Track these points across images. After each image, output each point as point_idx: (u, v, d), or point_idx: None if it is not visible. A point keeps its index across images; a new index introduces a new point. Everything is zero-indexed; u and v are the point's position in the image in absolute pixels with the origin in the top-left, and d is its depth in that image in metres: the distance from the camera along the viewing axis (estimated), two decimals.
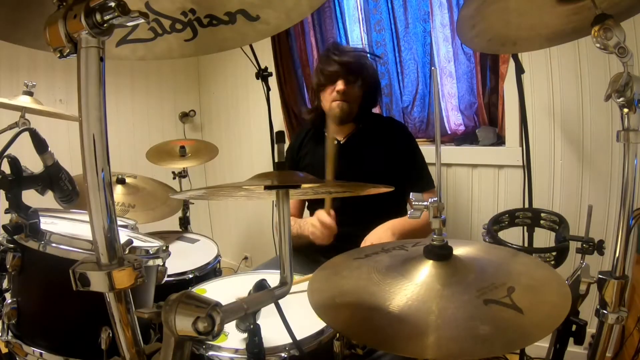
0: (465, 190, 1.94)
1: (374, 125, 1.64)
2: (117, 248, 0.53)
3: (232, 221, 3.17)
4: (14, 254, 0.93)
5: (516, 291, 0.58)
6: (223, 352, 0.87)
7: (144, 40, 0.73)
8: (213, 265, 1.63)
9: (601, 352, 0.82)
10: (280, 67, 2.46)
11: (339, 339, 0.90)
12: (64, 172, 1.07)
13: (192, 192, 0.72)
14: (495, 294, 0.57)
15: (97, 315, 0.82)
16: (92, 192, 0.50)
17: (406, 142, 1.61)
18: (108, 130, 0.51)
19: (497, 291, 0.58)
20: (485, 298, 0.56)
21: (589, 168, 1.62)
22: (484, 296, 0.57)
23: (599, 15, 0.74)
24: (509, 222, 1.15)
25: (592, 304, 0.84)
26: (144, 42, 0.73)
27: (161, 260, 1.09)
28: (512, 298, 0.56)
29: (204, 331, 0.49)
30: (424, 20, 1.99)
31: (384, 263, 0.72)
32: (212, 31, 0.71)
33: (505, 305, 0.55)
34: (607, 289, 0.79)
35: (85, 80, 0.50)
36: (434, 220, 0.67)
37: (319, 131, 1.68)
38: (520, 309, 0.54)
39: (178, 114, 3.09)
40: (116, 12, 0.48)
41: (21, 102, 1.41)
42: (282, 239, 0.68)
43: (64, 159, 1.08)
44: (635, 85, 0.73)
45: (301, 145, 1.73)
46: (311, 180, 0.69)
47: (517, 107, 1.66)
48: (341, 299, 0.65)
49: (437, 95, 0.69)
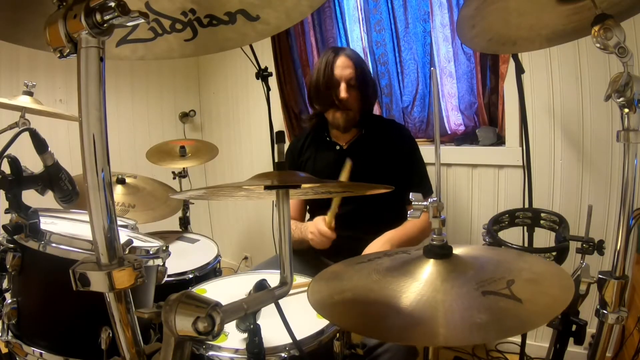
0: (465, 190, 1.94)
1: (377, 130, 1.63)
2: (117, 248, 0.53)
3: (232, 221, 3.17)
4: (14, 254, 0.93)
5: (516, 284, 0.59)
6: (223, 352, 0.87)
7: (144, 40, 0.73)
8: (213, 265, 1.63)
9: (601, 352, 0.82)
10: (280, 67, 2.46)
11: (339, 339, 0.90)
12: (64, 172, 1.07)
13: (192, 192, 0.72)
14: (494, 286, 0.59)
15: (97, 315, 0.82)
16: (92, 192, 0.50)
17: (408, 147, 1.61)
18: (108, 130, 0.51)
19: (496, 284, 0.59)
20: (483, 290, 0.58)
21: (589, 168, 1.62)
22: (483, 288, 0.58)
23: (599, 15, 0.74)
24: (509, 222, 1.15)
25: (592, 304, 0.84)
26: (144, 42, 0.73)
27: (161, 260, 1.09)
28: (511, 290, 0.58)
29: (204, 331, 0.49)
30: (424, 20, 1.99)
31: (384, 265, 0.72)
32: (212, 31, 0.71)
33: (503, 296, 0.56)
34: (607, 289, 0.79)
35: (85, 80, 0.50)
36: (434, 220, 0.67)
37: (320, 136, 1.68)
38: (519, 299, 0.56)
39: (178, 114, 3.09)
40: (116, 12, 0.48)
41: (21, 102, 1.40)
42: (282, 239, 0.68)
43: (64, 159, 1.08)
44: (635, 85, 0.73)
45: (302, 150, 1.72)
46: (311, 180, 0.69)
47: (517, 107, 1.66)
48: (340, 297, 0.66)
49: (437, 95, 0.69)
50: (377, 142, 1.60)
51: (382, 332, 0.57)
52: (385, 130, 1.65)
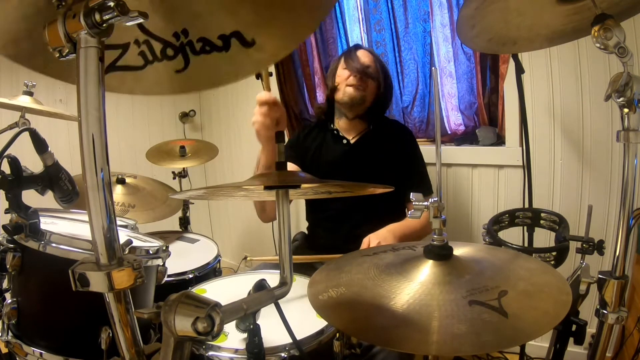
0: (465, 190, 1.94)
1: (383, 128, 1.66)
2: (116, 248, 0.53)
3: (232, 221, 3.16)
4: (14, 254, 0.93)
5: (508, 295, 0.58)
6: (223, 352, 0.87)
7: (134, 68, 0.69)
8: (213, 265, 1.63)
9: (601, 352, 0.82)
10: (280, 67, 2.46)
11: (338, 338, 0.90)
12: (64, 172, 1.07)
13: (192, 192, 0.72)
14: (484, 296, 0.58)
15: (97, 315, 0.83)
16: (91, 192, 0.50)
17: (411, 147, 1.64)
18: (108, 130, 0.51)
19: (487, 294, 0.58)
20: (471, 299, 0.57)
21: (589, 168, 1.62)
22: (472, 297, 0.58)
23: (599, 15, 0.74)
24: (509, 222, 1.15)
25: (592, 304, 0.84)
26: (133, 70, 0.69)
27: (161, 260, 1.09)
28: (500, 301, 0.57)
29: (204, 331, 0.49)
30: (424, 20, 1.99)
31: (386, 260, 0.73)
32: (205, 60, 0.66)
33: (490, 308, 0.55)
34: (607, 289, 0.79)
35: (84, 80, 0.50)
36: (434, 220, 0.67)
37: (327, 126, 1.68)
38: (505, 313, 0.55)
39: (178, 114, 3.09)
40: (115, 11, 0.48)
41: (21, 102, 1.41)
42: (282, 239, 0.68)
43: (64, 159, 1.08)
44: (635, 85, 0.73)
45: (308, 135, 1.71)
46: (311, 180, 0.69)
47: (517, 107, 1.66)
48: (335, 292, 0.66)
49: (437, 95, 0.69)
50: (382, 140, 1.62)
51: (368, 333, 0.57)
52: (390, 129, 1.68)
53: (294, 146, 1.69)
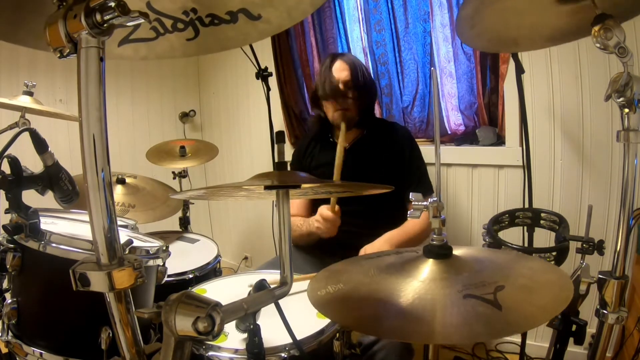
0: (465, 190, 1.94)
1: (379, 131, 1.68)
2: (117, 248, 0.53)
3: (232, 221, 3.16)
4: (14, 254, 0.93)
5: (505, 290, 0.59)
6: (223, 352, 0.87)
7: (146, 39, 0.73)
8: (213, 265, 1.63)
9: (601, 352, 0.82)
10: (280, 67, 2.46)
11: (338, 338, 0.90)
12: (64, 172, 1.07)
13: (192, 192, 0.72)
14: (480, 290, 0.59)
15: (97, 315, 0.83)
16: (92, 192, 0.50)
17: (409, 147, 1.64)
18: (108, 130, 0.51)
19: (484, 288, 0.59)
20: (466, 293, 0.58)
21: (589, 168, 1.62)
22: (467, 291, 0.59)
23: (599, 15, 0.74)
24: (509, 222, 1.15)
25: (592, 304, 0.84)
26: (146, 41, 0.73)
27: (161, 260, 1.09)
28: (496, 296, 0.57)
29: (204, 331, 0.49)
30: (424, 20, 1.99)
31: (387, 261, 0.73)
32: (214, 30, 0.71)
33: (484, 301, 0.56)
34: (607, 289, 0.79)
35: (85, 80, 0.50)
36: (434, 219, 0.67)
37: (324, 137, 1.72)
38: (499, 306, 0.56)
39: (178, 114, 3.09)
40: (116, 12, 0.48)
41: (21, 102, 1.40)
42: (282, 239, 0.68)
43: (64, 159, 1.08)
44: (635, 85, 0.72)
45: (306, 151, 1.78)
46: (311, 180, 0.69)
47: (517, 107, 1.66)
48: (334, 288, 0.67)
49: (437, 95, 0.69)
50: (378, 143, 1.64)
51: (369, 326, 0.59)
52: (387, 131, 1.69)
53: (294, 158, 1.81)
